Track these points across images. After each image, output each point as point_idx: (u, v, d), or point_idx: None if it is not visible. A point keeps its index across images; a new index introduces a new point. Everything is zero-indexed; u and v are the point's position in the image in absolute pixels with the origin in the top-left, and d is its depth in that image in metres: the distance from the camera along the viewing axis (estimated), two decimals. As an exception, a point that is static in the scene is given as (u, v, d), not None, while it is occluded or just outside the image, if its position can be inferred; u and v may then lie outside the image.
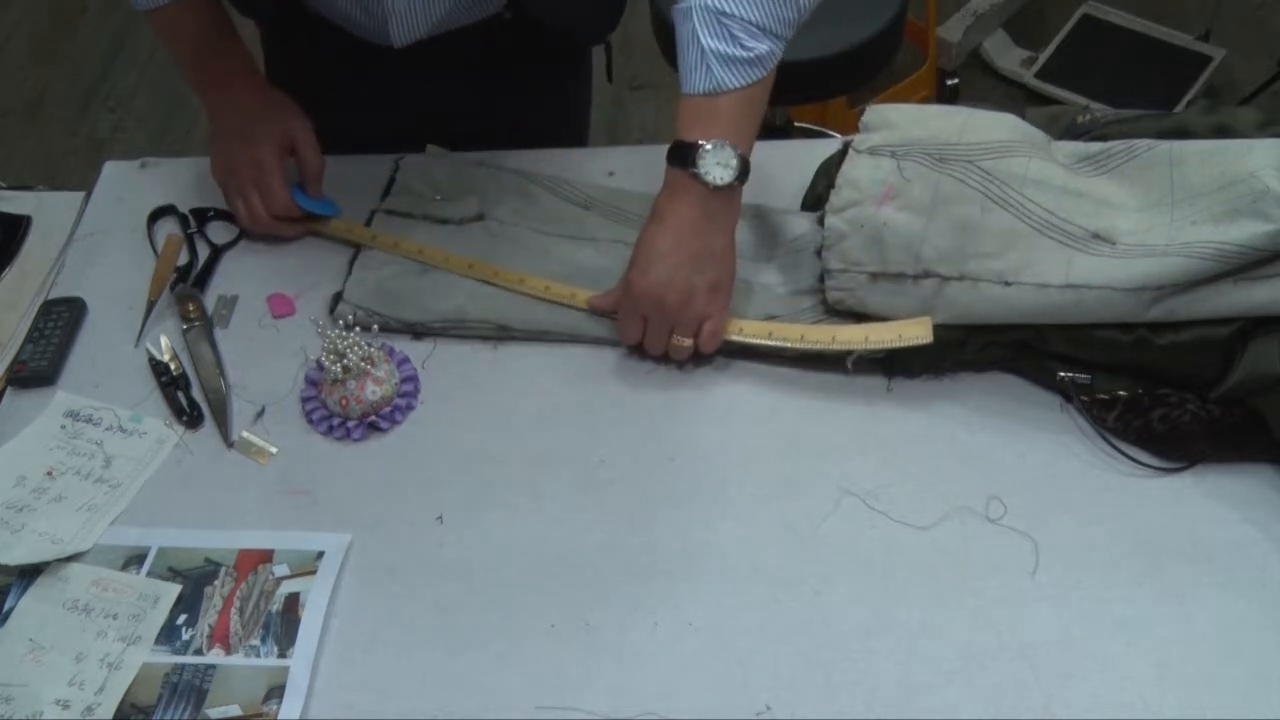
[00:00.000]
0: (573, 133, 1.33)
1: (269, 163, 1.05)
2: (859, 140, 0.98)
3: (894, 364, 0.96)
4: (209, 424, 0.98)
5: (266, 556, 0.88)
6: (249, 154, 1.05)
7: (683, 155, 0.91)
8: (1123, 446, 0.91)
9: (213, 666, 0.83)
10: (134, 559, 0.89)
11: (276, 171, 1.06)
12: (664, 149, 0.93)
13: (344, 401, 0.95)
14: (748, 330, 0.97)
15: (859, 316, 0.97)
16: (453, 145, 1.15)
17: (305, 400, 0.98)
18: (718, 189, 0.91)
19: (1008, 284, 0.90)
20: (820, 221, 0.99)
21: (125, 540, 0.90)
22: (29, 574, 0.88)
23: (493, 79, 1.18)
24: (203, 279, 1.08)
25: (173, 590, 0.87)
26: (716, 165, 0.91)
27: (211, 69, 1.07)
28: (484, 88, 1.18)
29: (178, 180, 1.16)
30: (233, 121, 1.07)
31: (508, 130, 1.19)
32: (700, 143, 0.90)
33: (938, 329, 0.93)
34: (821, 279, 0.97)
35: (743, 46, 0.89)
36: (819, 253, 0.98)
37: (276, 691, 0.81)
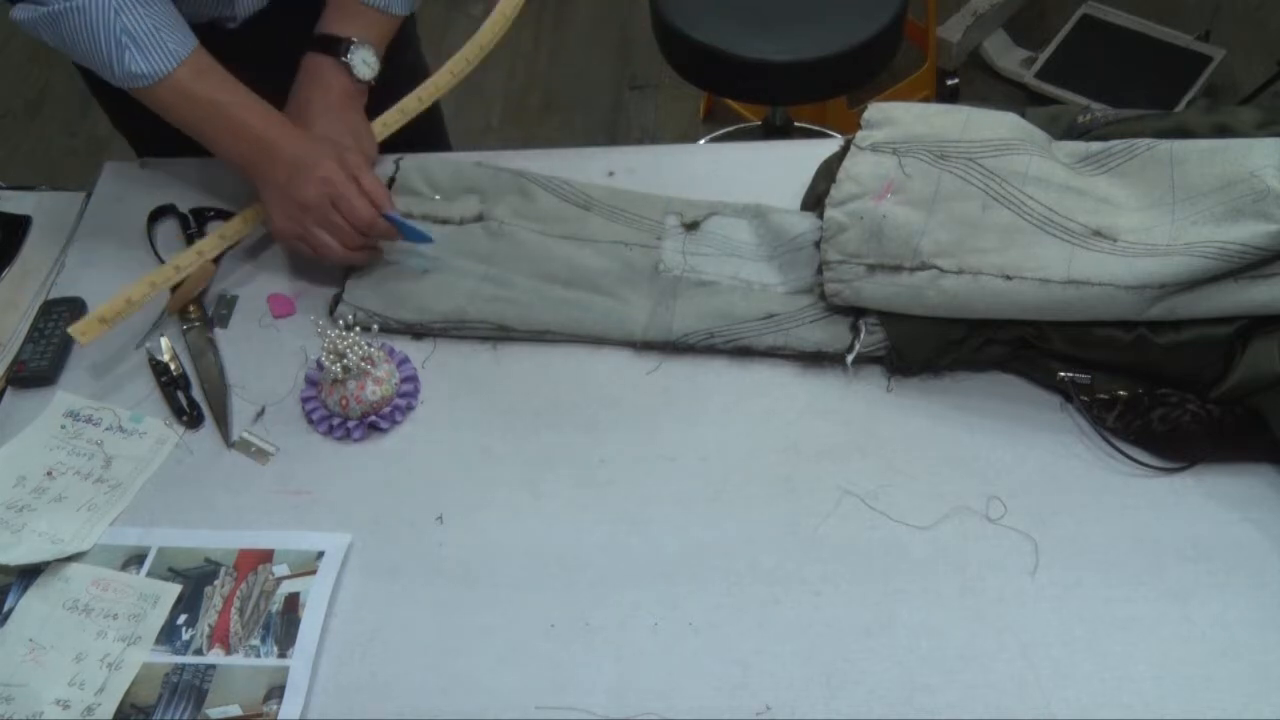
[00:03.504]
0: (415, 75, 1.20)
1: (339, 178, 0.98)
2: (861, 137, 0.98)
3: (893, 363, 0.96)
4: (209, 424, 0.98)
5: (266, 556, 0.88)
6: (315, 179, 0.98)
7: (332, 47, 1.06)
8: (1123, 446, 0.91)
9: (213, 666, 0.83)
10: (134, 559, 0.89)
11: (350, 184, 0.98)
12: (664, 149, 0.93)
13: (344, 401, 0.95)
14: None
15: (857, 311, 0.97)
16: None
17: (305, 400, 0.98)
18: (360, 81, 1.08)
19: (1009, 278, 0.90)
20: (820, 218, 0.99)
21: (125, 540, 0.90)
22: (29, 574, 0.88)
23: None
24: (203, 279, 1.08)
25: (173, 590, 0.87)
26: (363, 63, 1.07)
27: (246, 126, 1.00)
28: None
29: (178, 180, 1.16)
30: (282, 171, 0.99)
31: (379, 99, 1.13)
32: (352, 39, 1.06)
33: (938, 323, 0.93)
34: (820, 273, 0.97)
35: None
36: (819, 245, 0.98)
37: (276, 691, 0.81)
